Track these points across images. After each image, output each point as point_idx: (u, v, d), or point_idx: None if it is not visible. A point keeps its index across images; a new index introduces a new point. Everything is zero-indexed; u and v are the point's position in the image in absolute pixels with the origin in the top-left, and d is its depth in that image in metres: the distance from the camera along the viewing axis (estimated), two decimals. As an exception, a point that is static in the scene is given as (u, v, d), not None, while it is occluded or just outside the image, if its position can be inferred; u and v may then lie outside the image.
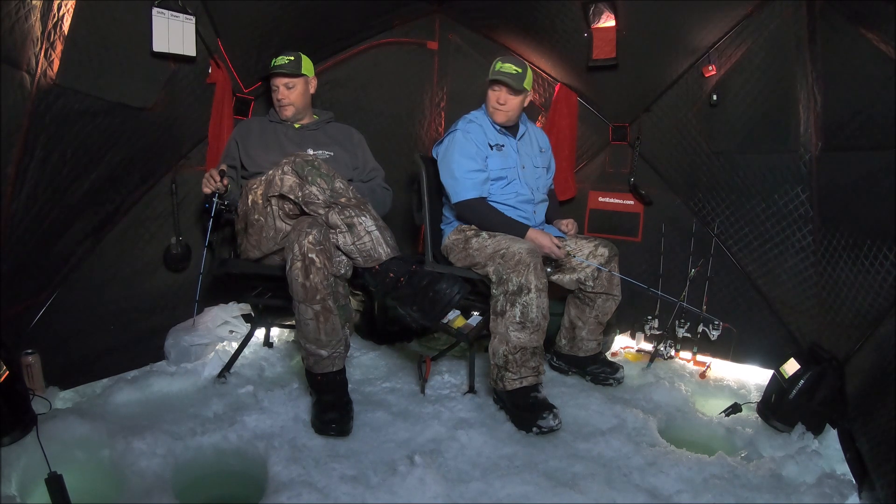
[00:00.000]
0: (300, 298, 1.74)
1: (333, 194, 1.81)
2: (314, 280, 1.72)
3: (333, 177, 1.83)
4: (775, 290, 2.35)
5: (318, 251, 1.72)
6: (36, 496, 1.41)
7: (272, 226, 1.90)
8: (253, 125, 2.24)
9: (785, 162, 2.15)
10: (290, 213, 1.86)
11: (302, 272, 1.71)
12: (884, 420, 1.55)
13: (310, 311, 1.75)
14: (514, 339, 1.94)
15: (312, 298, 1.73)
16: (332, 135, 2.32)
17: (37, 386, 1.78)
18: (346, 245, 1.81)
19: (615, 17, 2.34)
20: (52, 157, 1.59)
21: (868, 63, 1.71)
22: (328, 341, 1.79)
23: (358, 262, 1.83)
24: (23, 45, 1.38)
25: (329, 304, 1.76)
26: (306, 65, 2.22)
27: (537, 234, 2.12)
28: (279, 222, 1.89)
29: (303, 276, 1.71)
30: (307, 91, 2.27)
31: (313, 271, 1.71)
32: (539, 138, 2.48)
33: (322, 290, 1.73)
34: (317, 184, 1.79)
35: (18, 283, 1.71)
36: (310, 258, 1.71)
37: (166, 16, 1.79)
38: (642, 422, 1.96)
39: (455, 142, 2.21)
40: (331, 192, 1.81)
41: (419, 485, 1.49)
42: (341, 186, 1.84)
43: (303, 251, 1.70)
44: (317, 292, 1.73)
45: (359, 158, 2.34)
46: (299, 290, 1.73)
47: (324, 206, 1.79)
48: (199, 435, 1.68)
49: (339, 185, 1.83)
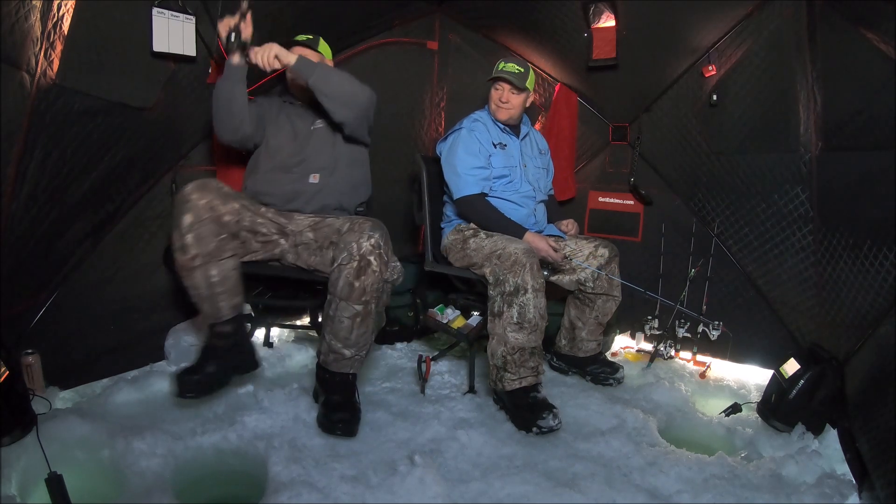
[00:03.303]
0: (343, 296, 1.71)
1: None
2: (366, 282, 1.70)
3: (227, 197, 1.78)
4: (775, 290, 2.35)
5: (377, 254, 1.71)
6: (36, 496, 1.41)
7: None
8: (265, 103, 2.13)
9: (785, 162, 2.15)
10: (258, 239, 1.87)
11: (355, 272, 1.69)
12: (884, 420, 1.55)
13: (350, 309, 1.73)
14: (513, 339, 1.94)
15: (357, 299, 1.71)
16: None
17: (37, 386, 1.78)
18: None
19: (615, 17, 2.35)
20: (52, 157, 1.59)
21: (868, 63, 1.71)
22: (356, 342, 1.78)
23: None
24: (23, 45, 1.38)
25: (371, 307, 1.75)
26: (324, 46, 2.14)
27: (535, 238, 2.12)
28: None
29: (354, 276, 1.69)
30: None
31: (368, 273, 1.70)
32: (539, 141, 2.50)
33: (369, 293, 1.72)
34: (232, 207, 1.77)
35: (18, 283, 1.71)
36: (367, 260, 1.69)
37: (166, 16, 1.79)
38: (642, 422, 1.96)
39: (460, 139, 2.23)
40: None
41: (419, 485, 1.48)
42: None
43: (361, 251, 1.69)
44: (364, 294, 1.71)
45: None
46: (346, 288, 1.70)
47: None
48: (199, 435, 1.68)
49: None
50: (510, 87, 2.21)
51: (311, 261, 1.88)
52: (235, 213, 1.78)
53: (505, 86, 2.22)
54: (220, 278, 1.75)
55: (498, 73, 2.22)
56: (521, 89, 2.22)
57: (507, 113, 2.26)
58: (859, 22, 1.71)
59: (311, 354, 2.37)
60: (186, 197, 1.68)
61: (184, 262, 1.71)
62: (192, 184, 1.72)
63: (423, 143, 2.99)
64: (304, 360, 2.38)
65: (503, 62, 2.24)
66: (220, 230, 1.73)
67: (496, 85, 2.25)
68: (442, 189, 2.38)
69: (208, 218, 1.69)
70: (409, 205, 2.54)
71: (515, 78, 2.19)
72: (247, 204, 1.85)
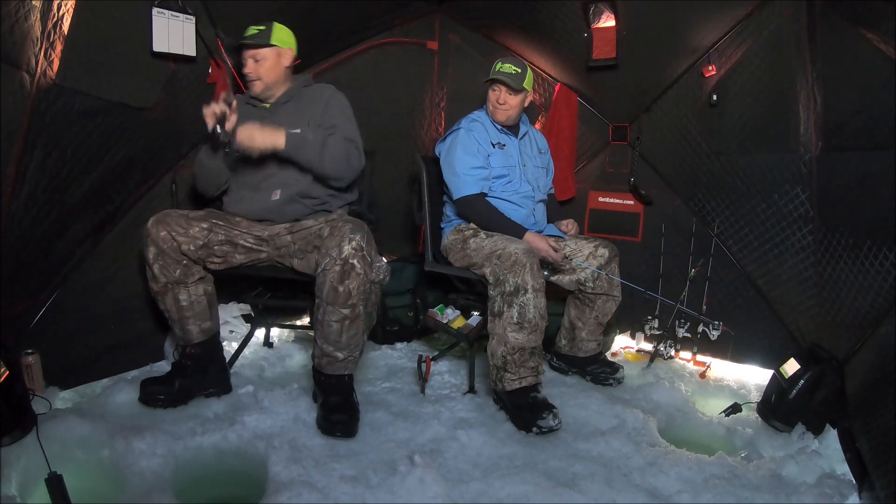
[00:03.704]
0: (329, 300, 1.71)
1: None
2: (350, 286, 1.70)
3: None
4: (775, 290, 2.35)
5: (360, 257, 1.70)
6: (36, 496, 1.41)
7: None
8: (238, 106, 2.03)
9: (785, 162, 2.15)
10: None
11: (339, 276, 1.69)
12: (884, 420, 1.55)
13: (337, 313, 1.72)
14: (512, 339, 1.94)
15: (344, 303, 1.71)
16: (304, 105, 2.03)
17: (37, 386, 1.78)
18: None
19: (615, 17, 2.34)
20: (52, 157, 1.59)
21: (868, 63, 1.71)
22: (347, 345, 1.78)
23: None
24: (23, 45, 1.38)
25: (359, 309, 1.74)
26: (278, 34, 1.97)
27: (535, 238, 2.12)
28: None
29: (338, 281, 1.69)
30: (279, 64, 1.99)
31: (352, 276, 1.70)
32: (538, 140, 2.49)
33: (355, 296, 1.71)
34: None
35: (18, 283, 1.71)
36: (350, 263, 1.69)
37: (166, 16, 1.79)
38: (642, 422, 1.96)
39: (458, 139, 2.22)
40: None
41: (419, 485, 1.48)
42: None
43: (343, 255, 1.68)
44: (349, 297, 1.71)
45: (323, 118, 2.01)
46: (331, 292, 1.70)
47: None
48: (199, 435, 1.68)
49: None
50: (507, 88, 2.21)
51: (296, 264, 1.90)
52: (203, 235, 1.85)
53: (502, 87, 2.22)
54: (188, 303, 1.87)
55: (494, 74, 2.21)
56: (518, 90, 2.22)
57: (505, 114, 2.26)
58: (859, 22, 1.71)
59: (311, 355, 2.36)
60: (147, 231, 1.81)
61: (156, 289, 1.86)
62: (152, 218, 1.83)
63: (423, 143, 2.99)
64: (304, 360, 2.38)
65: (500, 62, 2.23)
66: (181, 258, 1.83)
67: (493, 86, 2.24)
68: (442, 189, 2.38)
69: (168, 248, 1.80)
70: (409, 205, 2.55)
71: (512, 79, 2.18)
72: (218, 220, 1.90)
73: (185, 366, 1.91)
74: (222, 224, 1.90)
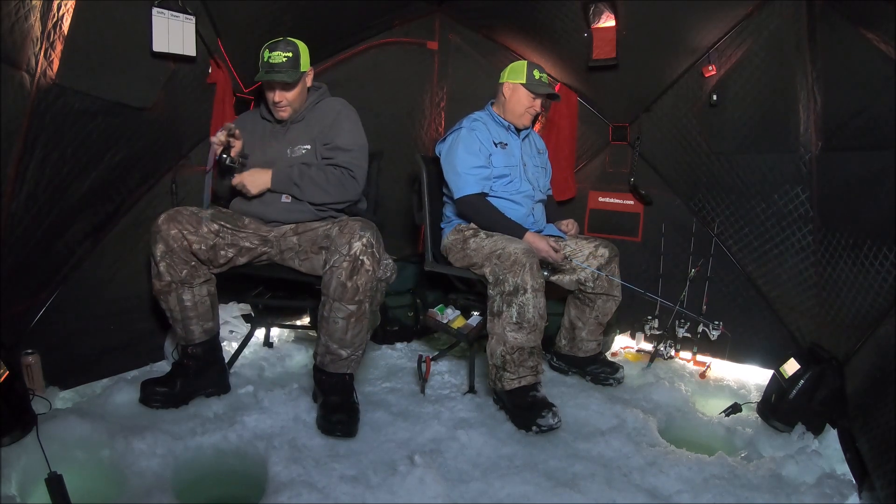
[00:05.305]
0: (336, 297, 1.72)
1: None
2: (359, 282, 1.71)
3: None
4: (775, 290, 2.35)
5: (369, 254, 1.72)
6: (36, 496, 1.41)
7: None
8: (247, 120, 2.12)
9: (785, 162, 2.15)
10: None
11: (347, 272, 1.70)
12: (884, 420, 1.55)
13: (344, 310, 1.73)
14: (512, 339, 1.94)
15: (351, 299, 1.72)
16: (314, 122, 2.05)
17: (37, 386, 1.78)
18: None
19: (615, 17, 2.34)
20: (52, 157, 1.59)
21: (868, 63, 1.71)
22: (352, 342, 1.78)
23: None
24: (23, 45, 1.38)
25: (365, 307, 1.76)
26: (304, 60, 1.97)
27: (535, 238, 2.12)
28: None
29: (347, 277, 1.70)
30: (304, 88, 2.04)
31: (361, 273, 1.71)
32: (537, 141, 2.51)
33: (363, 293, 1.73)
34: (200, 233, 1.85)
35: (18, 283, 1.71)
36: (360, 260, 1.70)
37: (166, 16, 1.79)
38: (642, 422, 1.96)
39: (460, 138, 2.23)
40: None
41: (419, 485, 1.49)
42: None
43: (353, 252, 1.70)
44: (357, 293, 1.72)
45: (328, 136, 2.02)
46: (339, 288, 1.71)
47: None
48: (199, 435, 1.68)
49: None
50: (543, 99, 2.31)
51: (299, 265, 1.90)
52: (211, 237, 1.86)
53: (541, 99, 2.29)
54: (192, 303, 1.87)
55: (541, 87, 2.25)
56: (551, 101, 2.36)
57: (531, 121, 2.35)
58: (859, 22, 1.71)
59: (311, 354, 2.37)
60: (158, 227, 1.80)
61: (159, 287, 1.84)
62: (164, 214, 1.82)
63: (423, 143, 2.99)
64: (304, 360, 2.39)
65: (538, 71, 2.27)
66: (190, 258, 1.83)
67: (536, 97, 2.27)
68: (442, 189, 2.38)
69: (178, 247, 1.80)
70: (409, 205, 2.54)
71: (552, 95, 2.32)
72: (226, 223, 1.92)
73: (185, 366, 1.91)
74: (229, 227, 1.92)
